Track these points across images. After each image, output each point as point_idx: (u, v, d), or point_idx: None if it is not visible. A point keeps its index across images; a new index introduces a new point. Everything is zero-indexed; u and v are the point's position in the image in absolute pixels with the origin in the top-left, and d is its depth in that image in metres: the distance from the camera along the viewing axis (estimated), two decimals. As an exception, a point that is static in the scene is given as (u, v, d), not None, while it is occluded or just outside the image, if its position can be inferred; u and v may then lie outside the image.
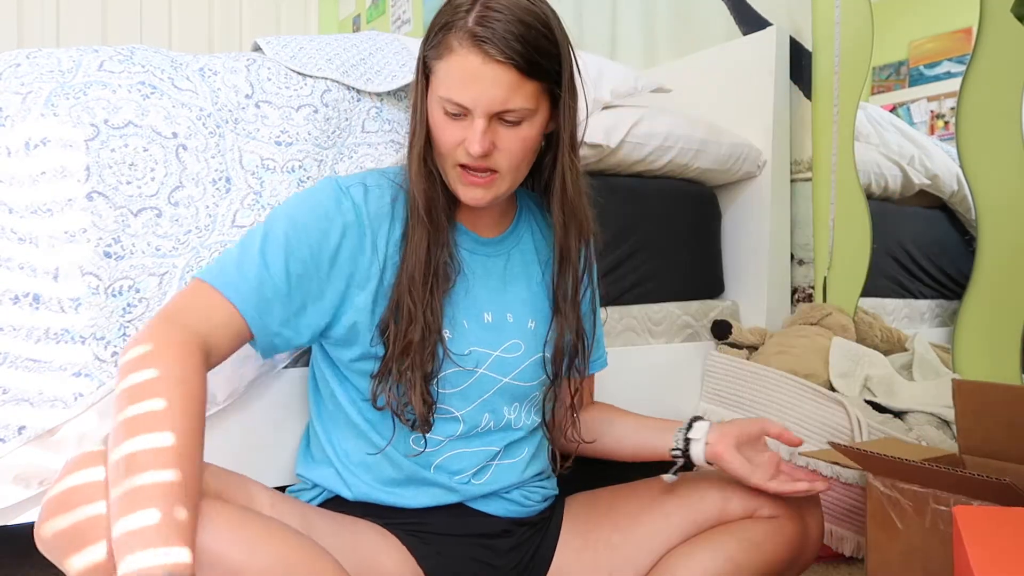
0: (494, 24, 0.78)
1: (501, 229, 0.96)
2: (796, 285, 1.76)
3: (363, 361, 0.88)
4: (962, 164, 1.46)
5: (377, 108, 1.16)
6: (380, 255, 0.86)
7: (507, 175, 0.85)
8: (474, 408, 0.91)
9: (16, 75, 0.94)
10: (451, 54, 0.80)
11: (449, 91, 0.81)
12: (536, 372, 0.94)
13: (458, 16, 0.80)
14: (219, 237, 0.99)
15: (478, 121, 0.80)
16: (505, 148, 0.83)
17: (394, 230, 0.88)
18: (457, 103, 0.80)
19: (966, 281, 1.46)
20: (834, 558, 1.35)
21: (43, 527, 0.66)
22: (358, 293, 0.86)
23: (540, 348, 0.94)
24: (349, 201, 0.85)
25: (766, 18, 1.83)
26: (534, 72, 0.80)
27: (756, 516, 0.94)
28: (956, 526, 0.71)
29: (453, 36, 0.80)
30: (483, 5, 0.79)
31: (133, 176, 0.95)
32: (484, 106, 0.80)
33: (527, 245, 0.97)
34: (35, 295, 0.89)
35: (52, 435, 0.88)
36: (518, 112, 0.81)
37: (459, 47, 0.79)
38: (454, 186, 0.86)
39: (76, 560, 0.64)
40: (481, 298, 0.92)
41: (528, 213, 1.00)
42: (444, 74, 0.81)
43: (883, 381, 1.45)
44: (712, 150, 1.57)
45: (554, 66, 0.83)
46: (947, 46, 1.51)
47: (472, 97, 0.80)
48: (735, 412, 1.50)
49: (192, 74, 1.04)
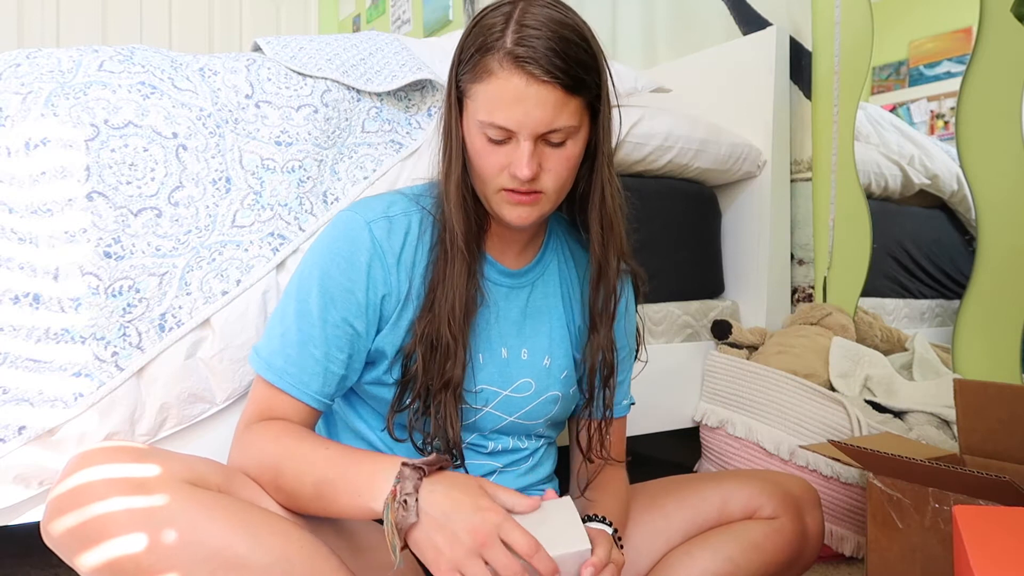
0: (534, 42, 0.75)
1: (527, 260, 0.93)
2: (796, 285, 1.76)
3: (376, 386, 0.88)
4: (962, 164, 1.46)
5: (377, 108, 1.16)
6: (404, 285, 0.85)
7: (552, 195, 0.83)
8: (475, 437, 0.91)
9: (16, 75, 0.94)
10: (491, 77, 0.77)
11: (491, 115, 0.77)
12: (545, 410, 0.93)
13: (493, 36, 0.77)
14: (219, 237, 0.99)
15: (524, 144, 0.77)
16: (551, 169, 0.80)
17: (419, 258, 0.86)
18: (501, 127, 0.77)
19: (966, 281, 1.46)
20: (834, 558, 1.35)
21: (52, 525, 0.67)
22: (385, 324, 0.86)
23: (552, 386, 0.93)
24: (369, 238, 0.84)
25: (766, 18, 1.83)
26: (577, 88, 0.77)
27: (756, 517, 0.93)
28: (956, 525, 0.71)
29: (492, 58, 0.76)
30: (518, 23, 0.76)
31: (133, 176, 0.95)
32: (530, 128, 0.77)
33: (552, 277, 0.95)
34: (35, 295, 0.89)
35: (52, 435, 0.88)
36: (564, 131, 0.79)
37: (499, 69, 0.76)
38: (498, 208, 0.83)
39: (88, 557, 0.65)
40: (501, 332, 0.90)
41: (556, 241, 0.96)
42: (484, 98, 0.78)
43: (883, 381, 1.45)
44: (712, 150, 1.57)
45: (595, 79, 0.80)
46: (947, 46, 1.51)
47: (517, 120, 0.76)
48: (735, 412, 1.50)
49: (192, 74, 1.04)
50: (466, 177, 0.84)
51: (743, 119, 1.73)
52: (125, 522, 0.65)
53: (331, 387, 0.84)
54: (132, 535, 0.65)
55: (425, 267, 0.86)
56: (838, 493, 1.32)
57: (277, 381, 0.82)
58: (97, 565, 0.65)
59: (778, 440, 1.40)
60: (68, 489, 0.67)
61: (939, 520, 0.95)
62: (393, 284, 0.85)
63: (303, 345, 0.82)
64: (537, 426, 0.94)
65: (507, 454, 0.93)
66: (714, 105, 1.80)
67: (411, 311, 0.85)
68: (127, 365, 0.92)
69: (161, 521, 0.65)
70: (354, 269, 0.83)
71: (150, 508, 0.66)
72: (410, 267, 0.86)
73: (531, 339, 0.92)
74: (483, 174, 0.81)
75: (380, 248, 0.84)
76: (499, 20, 0.77)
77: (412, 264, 0.86)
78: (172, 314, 0.95)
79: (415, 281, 0.86)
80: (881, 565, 1.01)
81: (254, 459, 0.79)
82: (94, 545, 0.65)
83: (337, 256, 0.84)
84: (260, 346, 0.85)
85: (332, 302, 0.83)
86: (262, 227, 1.02)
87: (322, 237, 0.87)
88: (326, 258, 0.84)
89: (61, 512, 0.66)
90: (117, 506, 0.65)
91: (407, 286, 0.85)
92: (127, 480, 0.67)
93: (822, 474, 1.33)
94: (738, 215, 1.76)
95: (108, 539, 0.64)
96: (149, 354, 0.93)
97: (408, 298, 0.85)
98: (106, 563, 0.65)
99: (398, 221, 0.86)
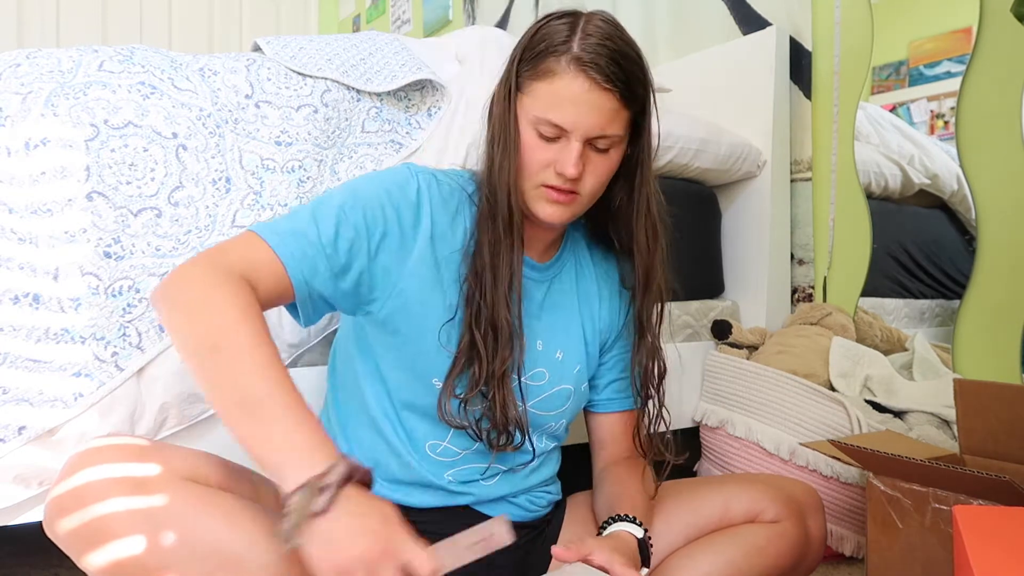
0: (600, 51, 0.80)
1: (549, 256, 0.96)
2: (796, 285, 1.76)
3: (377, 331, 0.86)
4: (962, 164, 1.46)
5: (377, 108, 1.16)
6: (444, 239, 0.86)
7: (586, 198, 0.87)
8: None
9: (16, 75, 0.94)
10: (555, 77, 0.81)
11: (548, 112, 0.81)
12: (557, 403, 0.94)
13: (558, 40, 0.81)
14: (219, 237, 0.99)
15: (575, 144, 0.81)
16: (592, 173, 0.84)
17: (458, 229, 0.87)
18: (557, 124, 0.81)
19: (966, 281, 1.46)
20: (834, 558, 1.35)
21: (56, 525, 0.67)
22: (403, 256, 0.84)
23: (564, 379, 0.94)
24: (416, 182, 0.86)
25: (766, 18, 1.83)
26: (631, 100, 0.83)
27: (758, 520, 0.93)
28: (956, 525, 0.71)
29: (557, 60, 0.81)
30: (584, 32, 0.81)
31: (133, 176, 0.95)
32: (584, 130, 0.81)
33: (568, 275, 0.98)
34: (35, 295, 0.89)
35: (52, 435, 0.88)
36: (610, 139, 0.83)
37: (564, 71, 0.80)
38: (534, 203, 0.86)
39: (94, 557, 0.65)
40: (522, 322, 0.91)
41: (573, 244, 0.99)
42: (545, 95, 0.82)
43: (883, 381, 1.45)
44: (712, 150, 1.57)
45: (644, 94, 0.86)
46: (947, 46, 1.51)
47: (573, 120, 0.81)
48: (735, 412, 1.50)
49: (192, 74, 1.04)
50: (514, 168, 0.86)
51: (743, 119, 1.73)
52: (126, 522, 0.65)
53: (319, 282, 0.79)
54: (133, 536, 0.65)
55: (464, 243, 0.87)
56: (838, 493, 1.32)
57: (272, 239, 0.77)
58: (103, 566, 0.65)
59: (778, 440, 1.40)
60: (69, 488, 0.67)
61: (939, 520, 0.95)
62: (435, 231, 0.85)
63: (311, 223, 0.79)
64: (549, 420, 0.94)
65: (516, 454, 0.92)
66: (714, 105, 1.79)
67: (432, 270, 0.85)
68: (127, 365, 0.92)
69: (161, 520, 0.66)
70: (397, 190, 0.84)
71: (150, 508, 0.66)
72: (451, 226, 0.86)
73: (546, 332, 0.94)
74: (529, 168, 0.85)
75: (428, 192, 0.86)
76: (564, 27, 0.82)
77: (450, 226, 0.87)
78: (172, 314, 0.95)
79: (452, 244, 0.86)
80: (881, 565, 1.01)
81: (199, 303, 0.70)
82: (98, 546, 0.65)
83: (375, 179, 0.85)
84: (262, 222, 0.82)
85: (357, 202, 0.82)
86: (262, 227, 1.02)
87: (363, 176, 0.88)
88: (360, 180, 0.85)
89: (63, 512, 0.66)
90: (117, 506, 0.65)
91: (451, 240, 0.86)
92: (127, 479, 0.67)
93: (822, 474, 1.33)
94: (738, 215, 1.76)
95: (110, 540, 0.65)
96: (149, 354, 0.93)
97: (436, 254, 0.85)
98: (110, 564, 0.65)
99: (445, 185, 0.88)
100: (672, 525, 0.94)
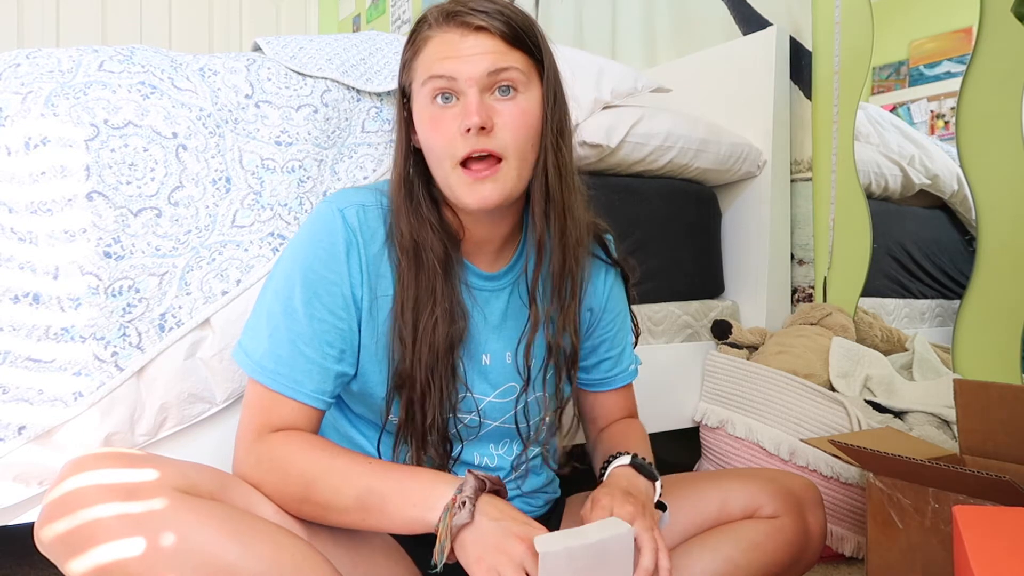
0: (469, 2, 0.79)
1: (504, 263, 0.90)
2: (796, 285, 1.76)
3: None
4: (962, 164, 1.46)
5: (377, 108, 1.16)
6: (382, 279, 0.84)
7: (513, 160, 0.79)
8: (463, 446, 0.90)
9: (16, 75, 0.94)
10: (428, 41, 0.80)
11: (431, 68, 0.79)
12: (535, 411, 0.93)
13: (426, 16, 0.82)
14: (219, 237, 0.99)
15: (470, 91, 0.77)
16: (505, 123, 0.78)
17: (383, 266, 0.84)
18: (443, 75, 0.78)
19: (966, 281, 1.46)
20: (834, 558, 1.35)
21: (43, 530, 0.66)
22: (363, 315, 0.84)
23: (537, 387, 0.91)
24: (343, 224, 0.82)
25: (766, 18, 1.83)
26: (517, 42, 0.79)
27: (757, 516, 0.92)
28: (956, 525, 0.71)
29: (428, 27, 0.81)
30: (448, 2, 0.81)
31: (133, 176, 0.95)
32: (470, 71, 0.77)
33: None
34: (35, 294, 0.89)
35: (52, 435, 0.88)
36: (509, 73, 0.78)
37: (435, 30, 0.80)
38: (458, 192, 0.79)
39: (76, 564, 0.64)
40: (481, 338, 0.89)
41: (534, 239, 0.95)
42: (424, 60, 0.80)
43: (883, 381, 1.45)
44: (712, 150, 1.57)
45: (534, 42, 0.81)
46: (947, 46, 1.51)
47: (455, 66, 0.77)
48: (735, 412, 1.50)
49: (192, 74, 1.04)
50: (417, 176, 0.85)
51: (743, 119, 1.73)
52: (114, 529, 0.64)
53: (328, 383, 0.82)
54: (121, 542, 0.64)
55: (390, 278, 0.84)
56: (838, 493, 1.32)
57: (272, 384, 0.80)
58: (86, 572, 0.64)
59: (778, 440, 1.40)
60: (59, 496, 0.66)
61: (939, 520, 0.95)
62: (371, 274, 0.83)
63: (293, 343, 0.80)
64: (531, 429, 0.93)
65: (490, 470, 0.92)
66: (714, 105, 1.80)
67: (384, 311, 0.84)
68: (127, 365, 0.92)
69: (151, 529, 0.65)
70: (334, 260, 0.81)
71: (140, 515, 0.65)
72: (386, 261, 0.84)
73: (514, 342, 0.90)
74: (437, 148, 0.79)
75: (354, 234, 0.82)
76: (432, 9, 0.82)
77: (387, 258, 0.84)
78: (172, 314, 0.95)
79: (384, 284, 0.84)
80: (881, 565, 1.01)
81: (276, 474, 0.77)
82: (83, 552, 0.64)
83: (316, 247, 0.82)
84: (247, 345, 0.82)
85: (316, 296, 0.81)
86: (262, 227, 1.02)
87: (300, 230, 0.85)
88: (306, 250, 0.82)
89: (51, 518, 0.66)
90: (106, 512, 0.65)
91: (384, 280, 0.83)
92: (118, 487, 0.67)
93: (822, 474, 1.33)
94: (738, 215, 1.76)
95: (96, 546, 0.64)
96: (149, 354, 0.93)
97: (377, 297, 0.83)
98: (94, 569, 0.64)
99: (372, 210, 0.84)
100: (670, 521, 0.94)
